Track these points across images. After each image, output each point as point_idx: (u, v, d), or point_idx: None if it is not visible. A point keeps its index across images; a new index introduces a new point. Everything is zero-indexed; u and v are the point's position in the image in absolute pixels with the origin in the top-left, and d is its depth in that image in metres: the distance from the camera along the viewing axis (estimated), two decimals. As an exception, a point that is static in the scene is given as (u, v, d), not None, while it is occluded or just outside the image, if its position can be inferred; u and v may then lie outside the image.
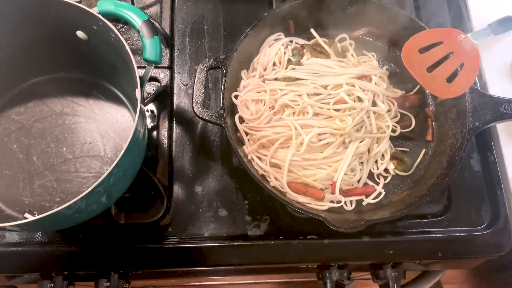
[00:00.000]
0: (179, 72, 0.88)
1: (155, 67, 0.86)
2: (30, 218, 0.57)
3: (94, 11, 0.67)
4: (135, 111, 0.75)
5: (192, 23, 0.92)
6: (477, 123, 0.75)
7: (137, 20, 0.67)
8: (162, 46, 0.88)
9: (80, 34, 0.72)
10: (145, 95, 0.85)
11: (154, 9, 0.93)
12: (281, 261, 0.77)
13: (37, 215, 0.56)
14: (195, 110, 0.73)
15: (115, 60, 0.72)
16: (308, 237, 0.77)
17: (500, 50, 0.90)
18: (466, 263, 0.86)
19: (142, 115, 0.68)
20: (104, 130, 0.80)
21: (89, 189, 0.57)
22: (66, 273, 0.74)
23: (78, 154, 0.78)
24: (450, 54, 0.78)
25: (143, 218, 0.77)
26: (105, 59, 0.74)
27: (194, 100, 0.74)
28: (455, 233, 0.79)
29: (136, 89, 0.64)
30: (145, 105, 0.82)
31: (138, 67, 0.64)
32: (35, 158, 0.78)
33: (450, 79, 0.77)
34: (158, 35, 0.67)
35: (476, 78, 0.89)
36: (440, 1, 0.96)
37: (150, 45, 0.66)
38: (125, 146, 0.59)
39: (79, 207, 0.59)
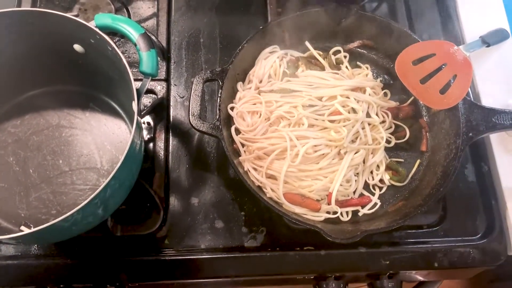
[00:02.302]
0: (175, 85, 0.89)
1: (152, 80, 0.87)
2: (26, 231, 0.57)
3: (91, 24, 0.67)
4: (131, 123, 0.76)
5: (189, 36, 0.93)
6: (470, 134, 0.75)
7: (134, 33, 0.67)
8: (159, 58, 0.89)
9: (77, 47, 0.72)
10: (142, 107, 0.85)
11: (151, 23, 0.94)
12: (278, 272, 0.77)
13: (33, 227, 0.56)
14: (191, 122, 0.74)
15: (111, 73, 0.72)
16: (305, 248, 0.77)
17: (493, 61, 0.92)
18: (462, 273, 0.86)
19: (139, 127, 0.68)
20: (100, 142, 0.80)
21: (86, 201, 0.57)
22: (62, 286, 0.74)
23: (74, 166, 0.78)
24: (443, 66, 0.79)
25: (139, 230, 0.77)
26: (102, 72, 0.75)
27: (190, 112, 0.74)
28: (451, 243, 0.79)
29: (133, 102, 0.65)
30: (141, 117, 0.82)
31: (135, 80, 0.65)
32: (31, 171, 0.78)
33: (443, 91, 0.78)
34: (154, 48, 0.68)
35: (469, 89, 0.90)
36: (433, 13, 0.98)
37: (147, 58, 0.67)
38: (121, 158, 0.59)
39: (75, 220, 0.59)
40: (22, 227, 0.74)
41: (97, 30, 0.66)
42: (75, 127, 0.81)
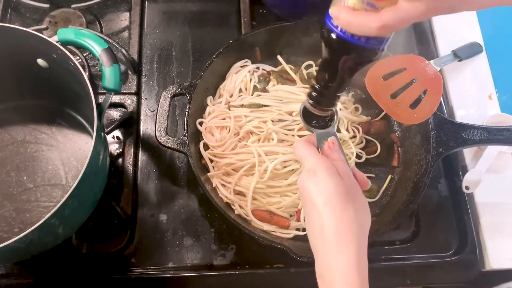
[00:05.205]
0: (146, 98, 0.87)
1: (122, 93, 0.86)
2: (-21, 251, 0.55)
3: (54, 39, 0.66)
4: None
5: (161, 49, 0.92)
6: (440, 149, 0.75)
7: (97, 48, 0.66)
8: (129, 72, 0.88)
9: (40, 62, 0.71)
10: (111, 121, 0.84)
11: (123, 35, 0.93)
12: (247, 291, 0.75)
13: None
14: (157, 137, 0.72)
15: (77, 88, 0.71)
16: (275, 266, 0.76)
17: (467, 75, 0.92)
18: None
19: (103, 143, 0.67)
20: (66, 158, 0.78)
21: (40, 222, 0.55)
22: (24, 307, 0.72)
23: (39, 183, 0.76)
24: (414, 80, 0.79)
25: (106, 248, 0.75)
26: (68, 87, 0.73)
27: (157, 128, 0.73)
28: (424, 259, 0.78)
29: (95, 117, 0.63)
30: (110, 131, 0.81)
31: (102, 94, 0.63)
32: (-6, 188, 0.76)
33: (414, 106, 0.77)
34: (118, 63, 0.66)
35: (443, 104, 0.89)
36: (407, 28, 0.97)
37: (110, 73, 0.66)
38: (79, 176, 0.58)
39: (31, 240, 0.57)
40: (-18, 247, 0.71)
41: (58, 45, 0.64)
42: (40, 143, 0.79)
